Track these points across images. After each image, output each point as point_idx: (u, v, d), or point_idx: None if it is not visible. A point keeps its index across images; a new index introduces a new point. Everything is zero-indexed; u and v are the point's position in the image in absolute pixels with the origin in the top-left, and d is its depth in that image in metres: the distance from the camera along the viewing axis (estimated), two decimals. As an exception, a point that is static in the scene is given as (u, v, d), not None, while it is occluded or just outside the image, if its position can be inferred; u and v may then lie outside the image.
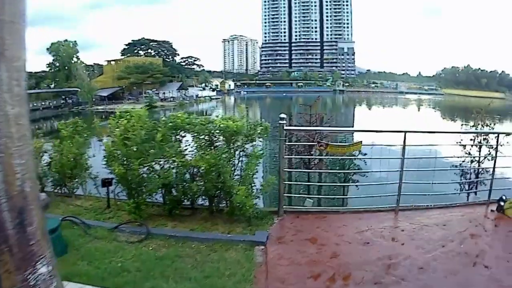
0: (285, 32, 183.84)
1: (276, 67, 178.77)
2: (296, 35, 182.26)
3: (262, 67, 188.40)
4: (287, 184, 6.54)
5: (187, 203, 6.16)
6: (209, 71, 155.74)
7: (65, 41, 75.83)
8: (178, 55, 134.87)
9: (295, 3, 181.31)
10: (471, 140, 9.47)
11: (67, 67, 74.90)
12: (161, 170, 5.82)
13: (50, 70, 79.91)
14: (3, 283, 1.97)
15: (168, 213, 5.98)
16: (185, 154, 5.90)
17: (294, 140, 9.89)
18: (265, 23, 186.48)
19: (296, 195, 7.74)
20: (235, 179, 5.79)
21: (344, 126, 37.27)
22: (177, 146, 5.81)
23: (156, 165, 5.87)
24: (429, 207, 6.41)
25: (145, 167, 5.75)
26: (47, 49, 75.90)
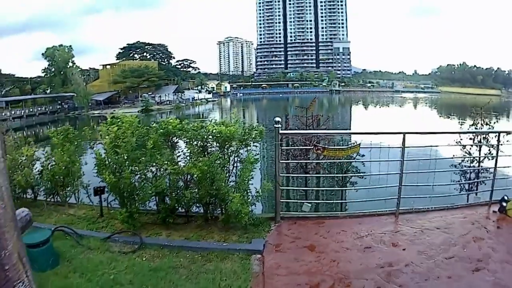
0: (280, 33, 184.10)
1: (272, 68, 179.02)
2: (291, 36, 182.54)
3: (258, 69, 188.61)
4: (284, 189, 6.41)
5: (181, 211, 6.01)
6: (205, 74, 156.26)
7: (60, 46, 75.59)
8: (173, 58, 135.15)
9: (290, 4, 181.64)
10: (471, 139, 9.37)
11: (62, 72, 74.64)
12: (153, 178, 5.68)
13: (45, 75, 79.71)
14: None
15: (162, 221, 5.83)
16: (178, 161, 5.76)
17: (290, 143, 9.74)
18: (260, 24, 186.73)
19: (293, 201, 7.61)
20: (230, 185, 5.66)
21: (341, 126, 37.35)
22: (168, 153, 5.64)
23: (148, 173, 5.73)
24: (430, 210, 6.27)
25: (137, 175, 5.60)
26: (42, 54, 75.86)
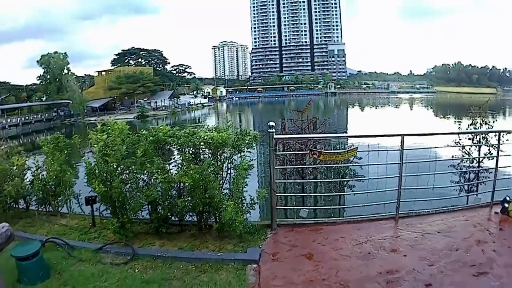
0: (274, 36, 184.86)
1: (267, 71, 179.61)
2: (285, 39, 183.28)
3: (253, 72, 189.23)
4: (280, 195, 6.23)
5: (175, 220, 5.84)
6: (200, 78, 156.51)
7: (55, 53, 75.14)
8: (168, 63, 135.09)
9: (284, 7, 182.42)
10: (470, 139, 9.22)
11: (58, 79, 74.27)
12: (144, 187, 5.50)
13: (41, 82, 79.35)
14: None
15: (155, 231, 5.66)
16: (169, 169, 5.59)
17: (286, 148, 9.58)
18: (255, 28, 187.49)
19: (290, 207, 7.43)
20: (224, 192, 5.50)
21: (338, 128, 37.32)
22: (158, 161, 5.45)
23: (140, 182, 5.57)
24: (430, 213, 6.12)
25: (127, 184, 5.44)
26: (37, 61, 75.28)
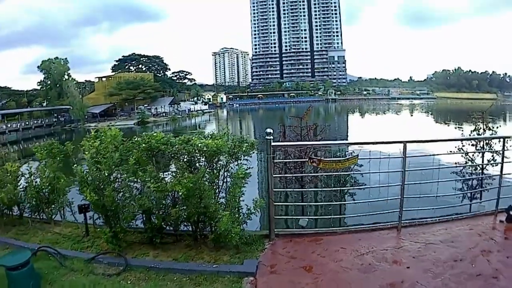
0: (275, 43, 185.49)
1: (267, 78, 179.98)
2: (286, 46, 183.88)
3: (253, 79, 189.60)
4: (278, 205, 6.03)
5: (170, 229, 5.65)
6: (200, 85, 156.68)
7: (56, 58, 75.17)
8: (169, 69, 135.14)
9: (284, 14, 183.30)
10: (473, 145, 9.04)
11: (58, 85, 74.12)
12: (137, 196, 5.32)
13: (41, 88, 79.52)
14: None
15: (149, 241, 5.48)
16: (164, 177, 5.39)
17: (286, 155, 9.37)
18: (255, 34, 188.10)
19: (289, 217, 7.22)
20: (220, 202, 5.32)
21: (338, 135, 37.09)
22: (151, 169, 5.26)
23: (133, 190, 5.41)
24: (433, 222, 5.94)
25: (120, 193, 5.26)
26: (38, 67, 75.31)
